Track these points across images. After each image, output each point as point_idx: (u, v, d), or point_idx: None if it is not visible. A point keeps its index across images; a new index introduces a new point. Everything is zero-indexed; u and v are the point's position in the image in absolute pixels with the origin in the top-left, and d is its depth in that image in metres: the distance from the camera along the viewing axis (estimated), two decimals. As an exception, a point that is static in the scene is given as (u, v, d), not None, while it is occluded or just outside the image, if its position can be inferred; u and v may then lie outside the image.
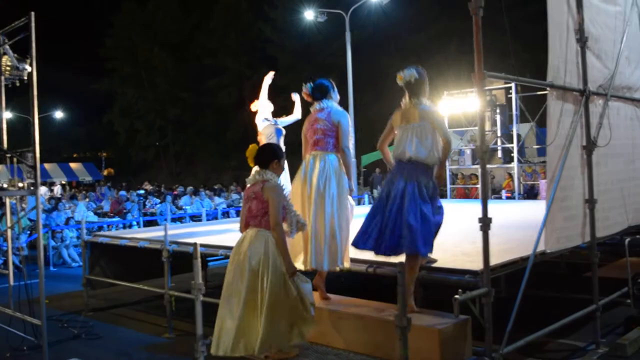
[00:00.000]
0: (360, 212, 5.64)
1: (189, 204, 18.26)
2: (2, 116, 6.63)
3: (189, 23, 46.31)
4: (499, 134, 15.15)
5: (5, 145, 6.75)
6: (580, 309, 5.55)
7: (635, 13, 6.75)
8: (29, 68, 5.93)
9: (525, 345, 4.87)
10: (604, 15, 6.15)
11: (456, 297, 4.00)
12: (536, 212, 9.33)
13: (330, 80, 5.69)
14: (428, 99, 5.09)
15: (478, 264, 4.60)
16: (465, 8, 4.48)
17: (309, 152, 5.51)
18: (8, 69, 5.90)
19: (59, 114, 48.13)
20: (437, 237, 5.01)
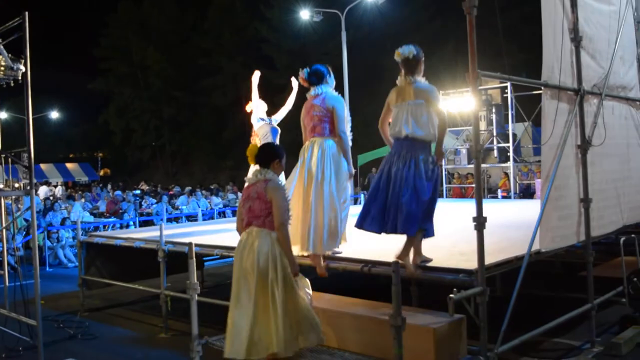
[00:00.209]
0: (355, 212, 5.64)
1: (185, 204, 18.24)
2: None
3: (184, 23, 46.25)
4: (495, 133, 15.18)
5: (0, 146, 6.73)
6: (575, 308, 5.56)
7: (630, 13, 6.78)
8: (23, 68, 5.93)
9: (520, 344, 4.88)
10: (598, 15, 6.17)
11: (451, 296, 4.01)
12: (532, 211, 9.32)
13: (327, 65, 5.74)
14: (423, 76, 5.10)
15: (473, 263, 4.61)
16: (461, 8, 4.49)
17: (308, 138, 5.62)
18: (2, 69, 5.89)
19: (54, 114, 48.04)
20: (432, 237, 5.02)
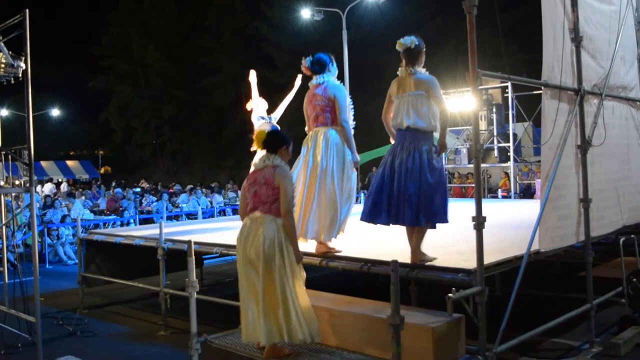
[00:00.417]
0: (355, 211, 5.64)
1: (186, 202, 18.25)
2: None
3: (184, 22, 46.22)
4: (495, 133, 15.18)
5: (0, 143, 6.74)
6: (574, 308, 5.55)
7: (631, 13, 6.77)
8: (23, 65, 5.93)
9: (519, 344, 4.88)
10: (598, 15, 6.16)
11: (449, 295, 4.01)
12: (532, 211, 9.31)
13: (330, 54, 5.74)
14: (424, 67, 5.09)
15: (472, 262, 4.60)
16: (461, 7, 4.49)
17: (311, 128, 5.63)
18: (3, 66, 5.90)
19: (55, 112, 48.03)
20: (432, 236, 5.02)
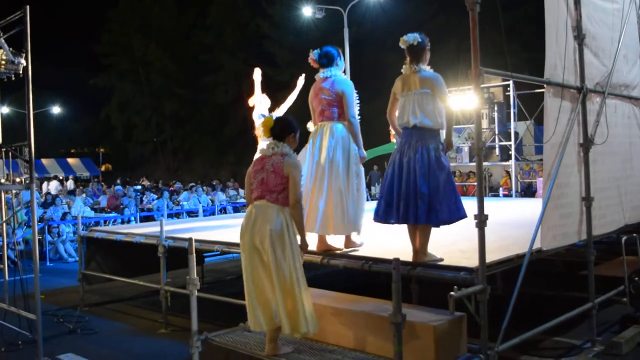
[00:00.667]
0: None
1: (187, 200, 18.23)
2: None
3: (185, 19, 46.18)
4: (497, 132, 15.16)
5: (0, 140, 6.72)
6: (576, 307, 5.53)
7: (634, 11, 6.74)
8: (24, 62, 5.92)
9: (521, 342, 4.87)
10: (601, 13, 6.13)
11: (452, 293, 3.99)
12: (533, 209, 9.30)
13: (337, 48, 5.73)
14: (428, 65, 5.07)
15: (474, 261, 4.59)
16: (464, 5, 4.47)
17: (317, 122, 5.63)
18: (3, 62, 5.88)
19: (56, 110, 48.00)
20: (434, 234, 5.01)
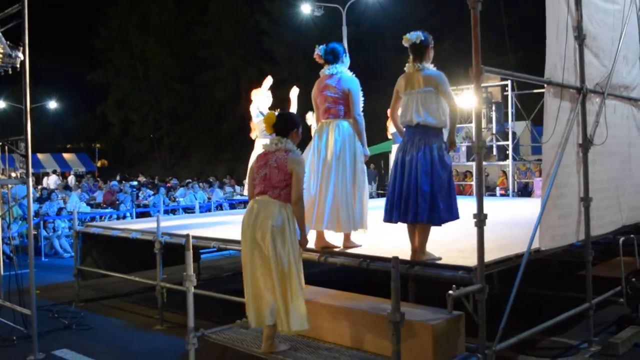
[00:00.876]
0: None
1: (184, 196, 18.20)
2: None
3: (184, 15, 46.12)
4: (494, 132, 15.16)
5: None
6: (572, 307, 5.53)
7: (634, 12, 6.73)
8: (21, 56, 5.88)
9: (518, 342, 4.86)
10: (602, 13, 6.13)
11: (450, 292, 3.98)
12: (530, 209, 9.31)
13: (343, 44, 5.74)
14: (432, 63, 5.05)
15: (472, 260, 4.58)
16: (461, 5, 4.44)
17: (321, 120, 5.60)
18: (0, 56, 5.85)
19: (52, 105, 47.88)
20: (433, 233, 5.00)
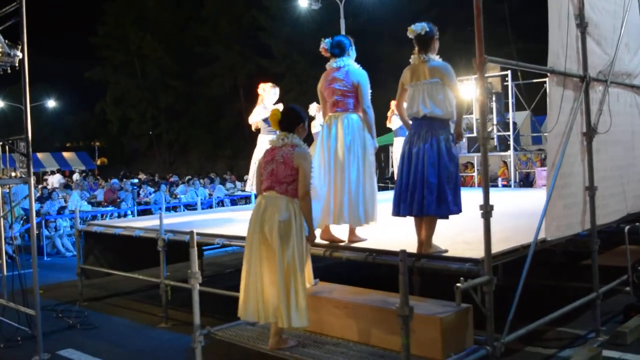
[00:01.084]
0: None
1: (184, 193, 18.17)
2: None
3: (181, 11, 45.98)
4: (495, 122, 15.10)
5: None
6: (577, 297, 5.50)
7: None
8: (20, 54, 5.83)
9: (526, 333, 4.83)
10: (604, 1, 6.08)
11: (458, 285, 3.94)
12: (532, 200, 9.31)
13: (349, 37, 5.70)
14: (437, 54, 5.01)
15: (478, 252, 4.55)
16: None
17: (329, 113, 5.57)
18: (-1, 55, 5.80)
19: (51, 103, 47.84)
20: (438, 226, 4.96)
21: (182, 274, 5.59)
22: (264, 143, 7.31)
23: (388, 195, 6.47)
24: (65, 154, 46.68)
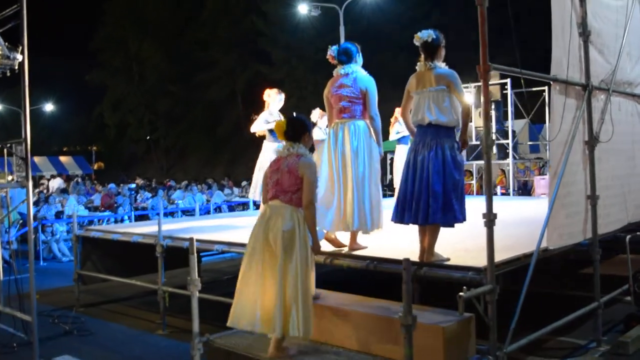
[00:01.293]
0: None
1: (181, 198, 18.11)
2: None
3: (180, 15, 45.96)
4: (494, 130, 15.10)
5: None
6: (577, 307, 5.46)
7: (637, 8, 6.69)
8: (19, 57, 5.79)
9: (528, 343, 4.79)
10: (606, 9, 6.09)
11: (461, 294, 3.91)
12: (532, 208, 9.30)
13: (356, 44, 5.69)
14: (444, 62, 4.99)
15: (480, 260, 4.52)
16: (458, 3, 4.38)
17: (336, 119, 5.55)
18: (-2, 57, 5.75)
19: (49, 107, 47.74)
20: (440, 234, 4.93)
21: (180, 280, 5.55)
22: (268, 150, 7.26)
23: (387, 202, 6.44)
24: (62, 158, 46.59)
